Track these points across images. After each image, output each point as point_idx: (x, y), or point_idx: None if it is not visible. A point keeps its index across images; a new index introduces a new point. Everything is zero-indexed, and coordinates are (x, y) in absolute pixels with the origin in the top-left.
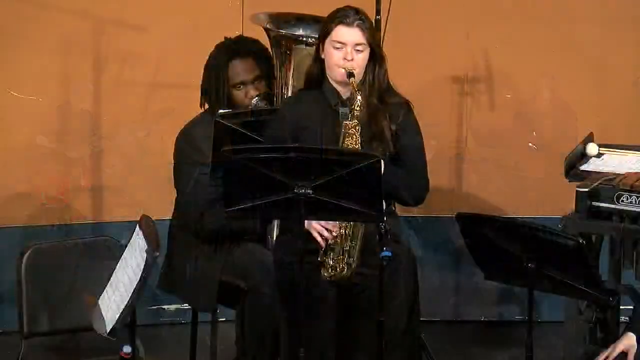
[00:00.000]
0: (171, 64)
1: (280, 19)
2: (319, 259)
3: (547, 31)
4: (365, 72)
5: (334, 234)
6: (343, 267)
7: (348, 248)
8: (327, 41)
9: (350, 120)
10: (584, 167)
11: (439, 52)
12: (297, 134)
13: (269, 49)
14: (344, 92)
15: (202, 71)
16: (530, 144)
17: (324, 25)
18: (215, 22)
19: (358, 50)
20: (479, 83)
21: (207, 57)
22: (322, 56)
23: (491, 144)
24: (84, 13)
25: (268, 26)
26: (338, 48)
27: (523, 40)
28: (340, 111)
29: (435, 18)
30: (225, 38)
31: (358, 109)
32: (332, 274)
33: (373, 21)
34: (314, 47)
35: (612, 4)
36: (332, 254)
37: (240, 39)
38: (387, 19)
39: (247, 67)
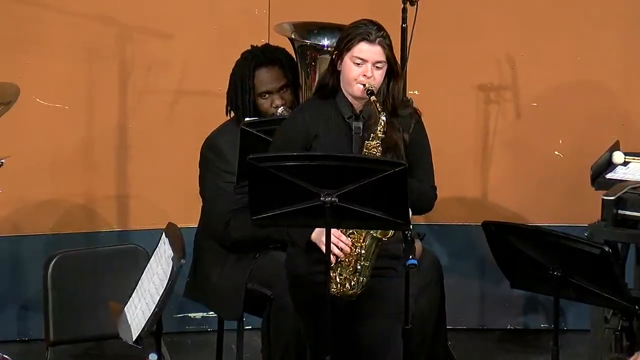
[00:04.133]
0: (197, 72)
1: (304, 29)
2: (325, 274)
3: (572, 38)
4: (380, 87)
5: (347, 251)
6: (352, 286)
7: (361, 267)
8: (347, 56)
9: (371, 140)
10: (610, 175)
11: (464, 60)
12: (309, 142)
13: (295, 57)
14: (358, 106)
15: (228, 79)
16: (556, 152)
17: (344, 39)
18: (241, 30)
19: (377, 67)
20: (505, 91)
21: (232, 65)
22: (339, 68)
23: (517, 152)
24: (109, 20)
25: (293, 36)
26: (358, 64)
27: (548, 48)
28: (353, 125)
29: (461, 26)
30: (252, 46)
31: (381, 129)
32: (340, 290)
33: (399, 29)
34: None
35: (636, 9)
36: (340, 269)
37: (266, 48)
38: (413, 27)
39: (273, 76)
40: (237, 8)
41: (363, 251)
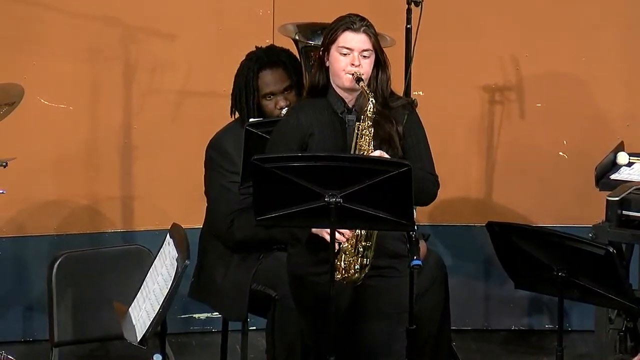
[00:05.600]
0: (201, 72)
1: (308, 30)
2: (329, 273)
3: (576, 39)
4: (369, 78)
5: (347, 236)
6: (356, 270)
7: (362, 249)
8: (333, 48)
9: (362, 122)
10: (614, 176)
11: (469, 61)
12: (305, 140)
13: (299, 58)
14: (350, 100)
15: (232, 80)
16: (560, 153)
17: (328, 33)
18: (245, 30)
19: (364, 57)
20: (510, 92)
21: (237, 66)
22: (327, 64)
23: (521, 152)
24: (113, 21)
25: (297, 37)
26: (345, 54)
27: (552, 49)
28: (347, 119)
29: (465, 27)
30: (256, 47)
31: (372, 111)
32: (344, 275)
33: (404, 30)
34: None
35: None
36: (344, 255)
37: (270, 49)
38: (417, 28)
39: (277, 78)
40: (241, 9)
41: (363, 231)
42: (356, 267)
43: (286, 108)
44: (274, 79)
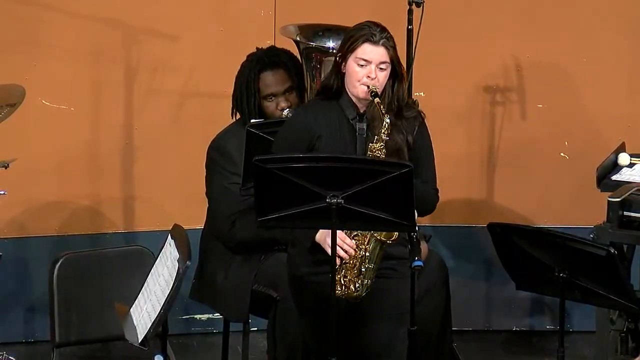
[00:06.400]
0: (203, 74)
1: (309, 31)
2: (330, 275)
3: (577, 40)
4: (384, 89)
5: (351, 253)
6: (357, 287)
7: (365, 270)
8: (351, 57)
9: (375, 143)
10: (615, 177)
11: (470, 62)
12: (312, 142)
13: (300, 59)
14: (362, 107)
15: (234, 81)
16: (562, 154)
17: (348, 41)
18: (246, 32)
19: (381, 69)
20: (511, 92)
21: (238, 67)
22: (343, 70)
23: (523, 153)
24: (115, 22)
25: (298, 38)
26: (362, 65)
27: (554, 50)
28: (357, 126)
29: (467, 28)
30: (257, 48)
31: (385, 132)
32: (345, 292)
33: (405, 31)
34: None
35: None
36: (344, 271)
37: (272, 50)
38: (419, 28)
39: (278, 79)
40: (242, 10)
41: (367, 253)
42: (356, 285)
43: (287, 109)
44: (275, 80)
